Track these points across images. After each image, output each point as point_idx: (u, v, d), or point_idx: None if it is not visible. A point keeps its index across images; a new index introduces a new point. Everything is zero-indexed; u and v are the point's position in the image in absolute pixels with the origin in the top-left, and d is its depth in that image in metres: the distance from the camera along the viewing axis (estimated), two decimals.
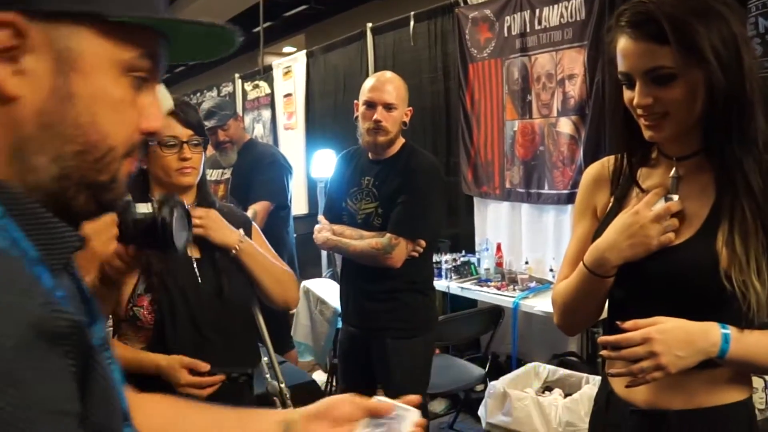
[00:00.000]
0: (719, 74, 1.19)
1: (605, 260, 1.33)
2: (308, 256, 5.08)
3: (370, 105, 2.61)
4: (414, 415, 0.96)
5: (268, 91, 7.17)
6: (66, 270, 0.68)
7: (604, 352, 1.26)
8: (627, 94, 1.30)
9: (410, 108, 2.71)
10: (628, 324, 1.23)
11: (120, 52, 0.65)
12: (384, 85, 2.62)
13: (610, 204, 1.45)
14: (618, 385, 1.40)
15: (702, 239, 1.28)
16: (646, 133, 1.30)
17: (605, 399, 1.46)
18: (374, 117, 2.59)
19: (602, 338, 1.26)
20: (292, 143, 6.75)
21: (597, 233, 1.43)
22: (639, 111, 1.27)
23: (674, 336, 1.21)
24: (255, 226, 2.12)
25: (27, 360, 0.51)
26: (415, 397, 1.00)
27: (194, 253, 1.90)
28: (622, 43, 1.26)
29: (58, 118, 0.62)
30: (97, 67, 0.64)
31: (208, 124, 3.67)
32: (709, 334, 1.23)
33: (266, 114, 7.27)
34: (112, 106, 0.65)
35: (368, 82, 2.67)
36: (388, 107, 2.60)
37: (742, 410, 1.34)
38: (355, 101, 2.73)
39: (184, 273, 1.85)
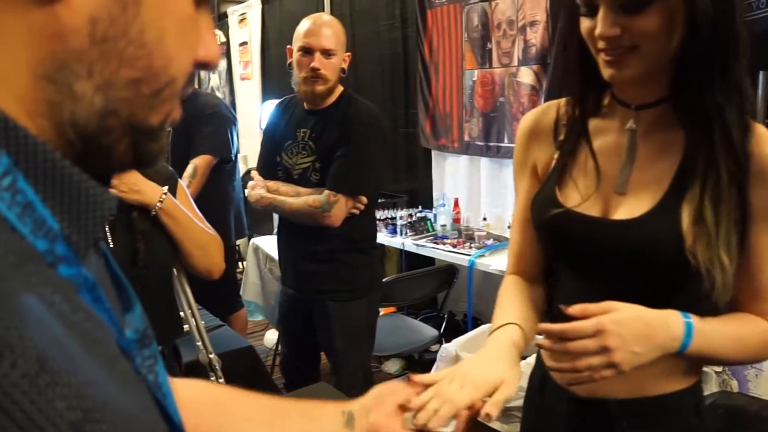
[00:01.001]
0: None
1: None
2: (260, 213, 4.89)
3: (307, 51, 2.40)
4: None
5: (224, 39, 6.89)
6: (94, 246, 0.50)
7: (544, 343, 1.05)
8: (585, 23, 1.07)
9: (349, 54, 2.50)
10: (575, 309, 1.01)
11: None
12: (321, 29, 2.41)
13: (554, 161, 1.24)
14: (556, 373, 1.23)
15: (664, 212, 1.07)
16: (606, 72, 1.06)
17: (540, 382, 1.30)
18: (312, 64, 2.38)
19: (543, 326, 1.04)
20: (248, 94, 6.52)
21: (536, 199, 1.23)
22: (600, 44, 1.04)
23: (632, 329, 1.00)
24: (180, 183, 1.94)
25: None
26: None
27: None
28: None
29: (119, 30, 0.45)
30: None
31: None
32: (670, 326, 1.03)
33: (222, 64, 6.99)
34: (180, 22, 0.49)
35: (303, 26, 2.45)
36: (327, 53, 2.40)
37: (689, 397, 1.18)
38: (288, 46, 2.52)
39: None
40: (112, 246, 1.69)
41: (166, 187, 1.77)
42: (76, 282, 0.42)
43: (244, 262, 4.59)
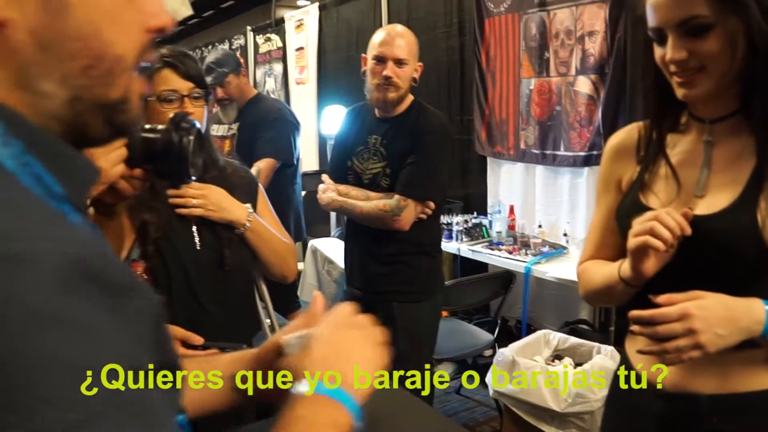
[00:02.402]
0: (759, 19, 1.09)
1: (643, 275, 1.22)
2: (317, 215, 4.97)
3: (380, 60, 2.49)
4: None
5: (280, 44, 7.02)
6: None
7: (635, 328, 1.15)
8: (658, 51, 1.20)
9: (420, 64, 2.58)
10: (662, 298, 1.12)
11: None
12: (395, 39, 2.49)
13: (636, 174, 1.35)
14: (643, 364, 1.30)
15: (742, 206, 1.17)
16: (679, 92, 1.19)
17: (626, 377, 1.37)
18: (384, 73, 2.47)
19: (634, 312, 1.15)
20: (303, 98, 6.63)
21: (621, 206, 1.34)
22: (672, 67, 1.17)
23: (715, 313, 1.10)
24: (260, 188, 2.02)
25: (79, 303, 0.47)
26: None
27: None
28: None
29: (56, 34, 0.56)
30: None
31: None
32: (752, 310, 1.12)
33: (278, 68, 7.13)
34: (110, 9, 0.58)
35: (378, 36, 2.54)
36: (399, 63, 2.48)
37: None
38: (363, 55, 2.60)
39: (181, 238, 1.74)
40: (199, 249, 1.76)
41: (249, 206, 1.85)
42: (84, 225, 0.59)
43: (300, 264, 4.69)
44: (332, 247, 4.16)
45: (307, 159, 6.32)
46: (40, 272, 0.45)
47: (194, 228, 1.77)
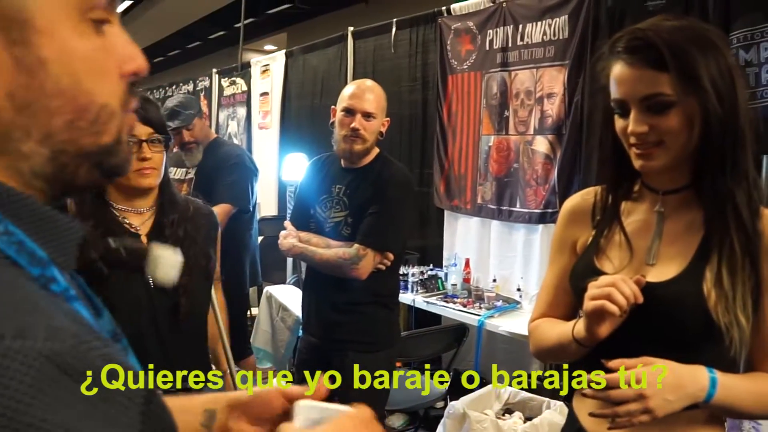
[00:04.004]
0: (716, 104, 1.17)
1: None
2: (274, 260, 4.98)
3: (349, 112, 2.54)
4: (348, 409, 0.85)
5: (245, 88, 7.07)
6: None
7: (587, 392, 1.20)
8: (619, 122, 1.26)
9: (388, 119, 2.65)
10: (614, 363, 1.18)
11: None
12: (365, 93, 2.56)
13: (591, 238, 1.41)
14: (591, 424, 1.34)
15: (689, 277, 1.24)
16: (637, 163, 1.26)
17: None
18: (352, 125, 2.52)
19: (593, 375, 1.20)
20: (265, 143, 6.66)
21: (575, 268, 1.40)
22: (632, 140, 1.24)
23: (664, 379, 1.16)
24: (219, 230, 2.04)
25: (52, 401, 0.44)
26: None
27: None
28: (618, 69, 1.23)
29: (35, 93, 0.54)
30: (57, 19, 0.54)
31: (171, 124, 3.55)
32: (697, 378, 1.19)
33: (241, 111, 7.16)
34: (88, 58, 0.56)
35: (348, 89, 2.60)
36: (368, 116, 2.54)
37: None
38: (333, 107, 2.66)
39: (133, 284, 1.74)
40: (153, 296, 1.75)
41: None
42: (66, 296, 0.55)
43: (253, 309, 4.66)
44: (287, 294, 4.15)
45: (267, 204, 6.32)
46: (13, 373, 0.43)
47: (148, 275, 1.76)
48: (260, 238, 4.35)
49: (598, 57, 1.30)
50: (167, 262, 1.63)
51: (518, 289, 4.02)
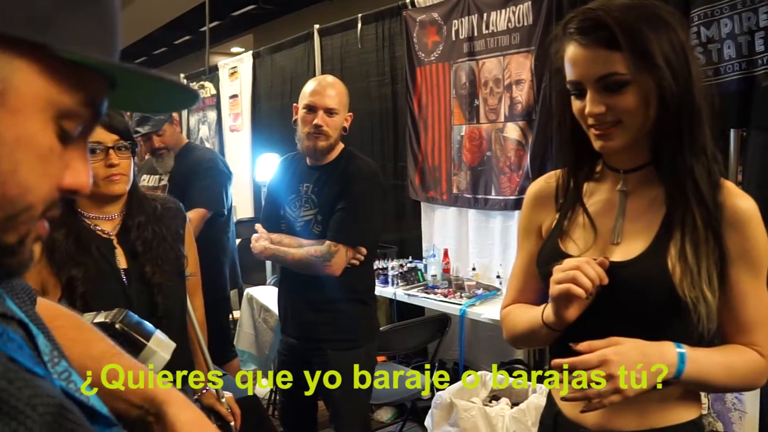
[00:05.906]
0: (670, 80, 1.16)
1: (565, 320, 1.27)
2: (253, 262, 4.94)
3: (311, 109, 2.53)
4: None
5: (214, 91, 7.03)
6: None
7: (556, 374, 1.22)
8: (576, 104, 1.26)
9: (350, 114, 2.63)
10: (582, 345, 1.17)
11: (60, 94, 0.53)
12: (326, 90, 2.54)
13: (555, 221, 1.40)
14: (567, 407, 1.35)
15: (654, 254, 1.24)
16: (596, 144, 1.25)
17: (552, 420, 1.40)
18: (315, 122, 2.51)
19: (556, 361, 1.19)
20: (237, 145, 6.63)
21: (541, 252, 1.40)
22: (590, 120, 1.23)
23: (632, 358, 1.15)
24: (189, 225, 2.02)
25: None
26: None
27: (121, 262, 1.79)
28: (571, 50, 1.22)
29: None
30: (30, 107, 0.51)
31: (141, 130, 3.52)
32: (665, 354, 1.18)
33: (212, 115, 7.12)
34: (39, 155, 0.53)
35: (309, 86, 2.58)
36: (330, 112, 2.52)
37: (694, 429, 1.31)
38: (294, 104, 2.64)
39: (110, 289, 1.74)
40: (129, 297, 1.75)
41: None
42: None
43: (235, 312, 4.63)
44: (268, 295, 4.13)
45: (242, 206, 6.29)
46: None
47: (124, 277, 1.77)
48: (238, 241, 4.32)
49: (551, 39, 1.29)
50: (161, 357, 1.64)
51: (498, 276, 4.03)
